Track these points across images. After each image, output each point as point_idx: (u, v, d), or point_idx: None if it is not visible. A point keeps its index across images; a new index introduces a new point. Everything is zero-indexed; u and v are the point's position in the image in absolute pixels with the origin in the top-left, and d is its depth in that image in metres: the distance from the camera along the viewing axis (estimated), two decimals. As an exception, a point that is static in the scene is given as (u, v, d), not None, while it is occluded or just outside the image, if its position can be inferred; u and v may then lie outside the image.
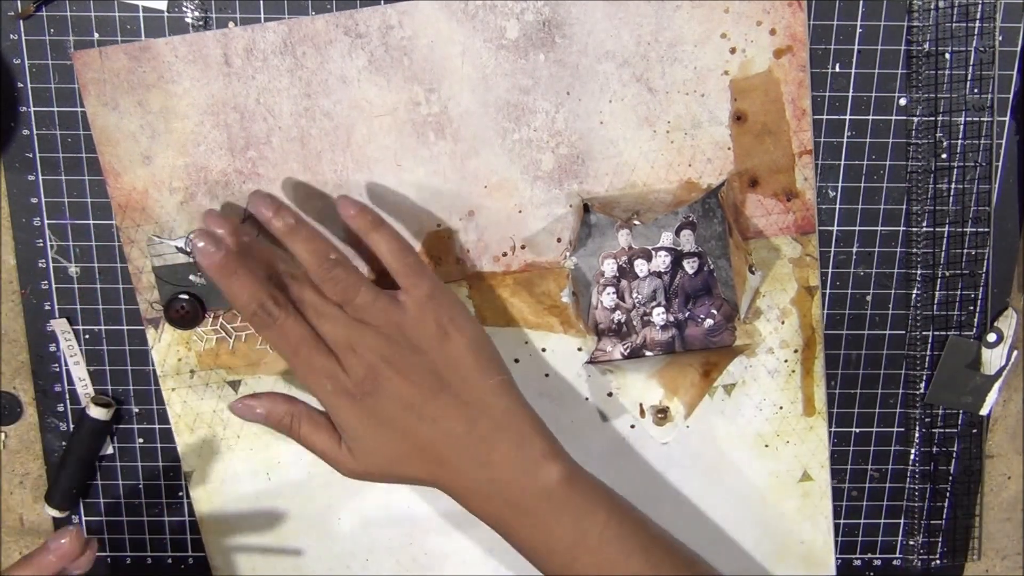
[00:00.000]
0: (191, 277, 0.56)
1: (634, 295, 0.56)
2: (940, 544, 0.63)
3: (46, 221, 0.56)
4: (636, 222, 0.55)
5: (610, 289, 0.56)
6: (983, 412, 0.60)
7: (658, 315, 0.56)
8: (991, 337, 0.59)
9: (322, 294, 0.51)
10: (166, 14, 0.53)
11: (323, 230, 0.55)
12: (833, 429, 0.61)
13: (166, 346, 0.57)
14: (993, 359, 0.59)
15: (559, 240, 0.56)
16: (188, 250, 0.54)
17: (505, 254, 0.56)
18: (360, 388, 0.49)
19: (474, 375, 0.50)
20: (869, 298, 0.59)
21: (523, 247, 0.56)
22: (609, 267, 0.56)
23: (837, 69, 0.56)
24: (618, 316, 0.57)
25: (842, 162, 0.57)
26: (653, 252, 0.56)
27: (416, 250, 0.51)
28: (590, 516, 0.50)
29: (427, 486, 0.51)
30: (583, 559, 0.49)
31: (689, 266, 0.56)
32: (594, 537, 0.49)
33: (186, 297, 0.56)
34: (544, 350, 0.58)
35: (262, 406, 0.51)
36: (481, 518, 0.51)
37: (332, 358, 0.50)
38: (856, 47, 0.55)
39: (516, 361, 0.58)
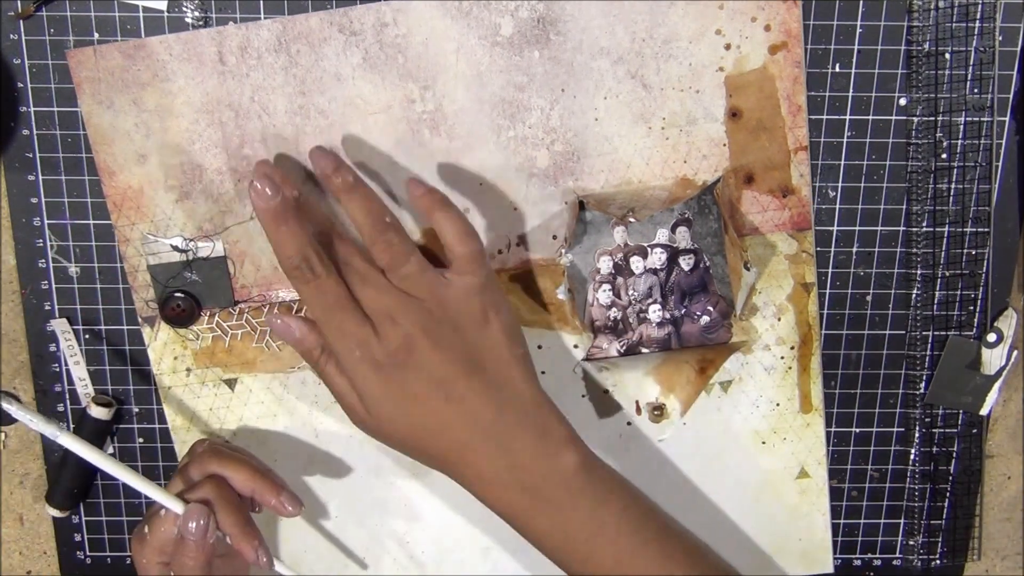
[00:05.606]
0: (186, 275, 0.56)
1: (630, 292, 0.56)
2: (940, 544, 0.62)
3: (46, 221, 0.56)
4: (631, 219, 0.55)
5: (606, 286, 0.56)
6: (983, 412, 0.60)
7: (654, 312, 0.56)
8: (991, 337, 0.58)
9: (368, 259, 0.50)
10: (166, 14, 0.53)
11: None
12: (833, 429, 0.61)
13: (162, 344, 0.57)
14: (993, 359, 0.59)
15: (555, 237, 0.56)
16: (184, 248, 0.54)
17: (501, 251, 0.56)
18: (392, 358, 0.48)
19: (507, 361, 0.50)
20: (869, 298, 0.59)
21: (519, 244, 0.56)
22: (605, 264, 0.56)
23: (837, 69, 0.55)
24: (614, 313, 0.56)
25: (842, 162, 0.57)
26: (649, 249, 0.56)
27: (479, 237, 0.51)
28: (606, 505, 0.49)
29: (434, 468, 0.51)
30: (601, 549, 0.49)
31: (685, 263, 0.56)
32: (611, 527, 0.49)
33: (181, 295, 0.56)
34: (540, 347, 0.58)
35: (300, 330, 0.50)
36: (495, 507, 0.50)
37: (367, 325, 0.49)
38: (856, 47, 0.55)
39: (512, 359, 0.58)
